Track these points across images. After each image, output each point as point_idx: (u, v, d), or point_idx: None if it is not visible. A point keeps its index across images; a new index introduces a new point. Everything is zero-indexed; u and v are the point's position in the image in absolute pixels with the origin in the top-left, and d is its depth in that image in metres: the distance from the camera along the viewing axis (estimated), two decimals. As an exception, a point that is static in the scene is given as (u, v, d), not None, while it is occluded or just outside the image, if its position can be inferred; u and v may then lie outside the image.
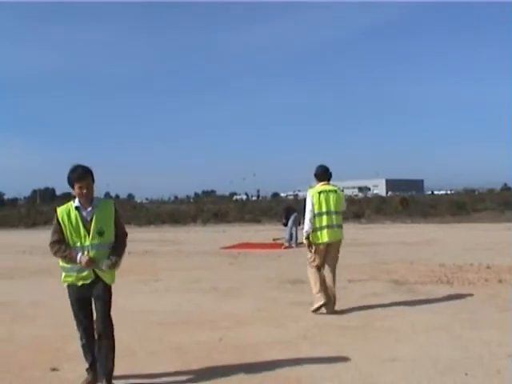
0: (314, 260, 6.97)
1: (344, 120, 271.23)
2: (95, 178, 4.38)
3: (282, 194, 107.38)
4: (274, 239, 17.37)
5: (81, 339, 4.52)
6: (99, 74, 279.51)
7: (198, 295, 8.35)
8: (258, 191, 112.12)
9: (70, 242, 4.28)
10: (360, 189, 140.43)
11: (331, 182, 7.23)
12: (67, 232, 4.27)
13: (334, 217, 6.93)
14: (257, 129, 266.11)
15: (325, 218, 6.87)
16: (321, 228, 6.86)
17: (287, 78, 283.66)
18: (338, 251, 7.13)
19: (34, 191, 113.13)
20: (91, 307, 4.42)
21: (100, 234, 4.26)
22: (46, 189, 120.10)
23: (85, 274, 4.27)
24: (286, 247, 15.53)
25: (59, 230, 4.28)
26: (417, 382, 4.32)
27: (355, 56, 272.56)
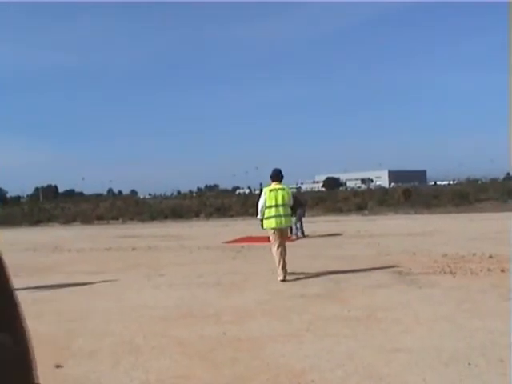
0: (275, 240, 9.04)
1: (346, 113, 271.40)
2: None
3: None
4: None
5: None
6: (103, 72, 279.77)
7: (202, 290, 8.37)
8: (261, 185, 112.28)
9: None
10: (363, 181, 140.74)
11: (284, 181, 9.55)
12: None
13: (280, 208, 8.98)
14: (258, 123, 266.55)
15: (273, 209, 8.97)
16: (270, 217, 8.98)
17: (289, 71, 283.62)
18: (287, 234, 9.89)
19: (37, 189, 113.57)
20: None
21: None
22: (49, 186, 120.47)
23: None
24: (292, 239, 15.54)
25: None
26: (420, 373, 4.33)
27: (355, 48, 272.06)
